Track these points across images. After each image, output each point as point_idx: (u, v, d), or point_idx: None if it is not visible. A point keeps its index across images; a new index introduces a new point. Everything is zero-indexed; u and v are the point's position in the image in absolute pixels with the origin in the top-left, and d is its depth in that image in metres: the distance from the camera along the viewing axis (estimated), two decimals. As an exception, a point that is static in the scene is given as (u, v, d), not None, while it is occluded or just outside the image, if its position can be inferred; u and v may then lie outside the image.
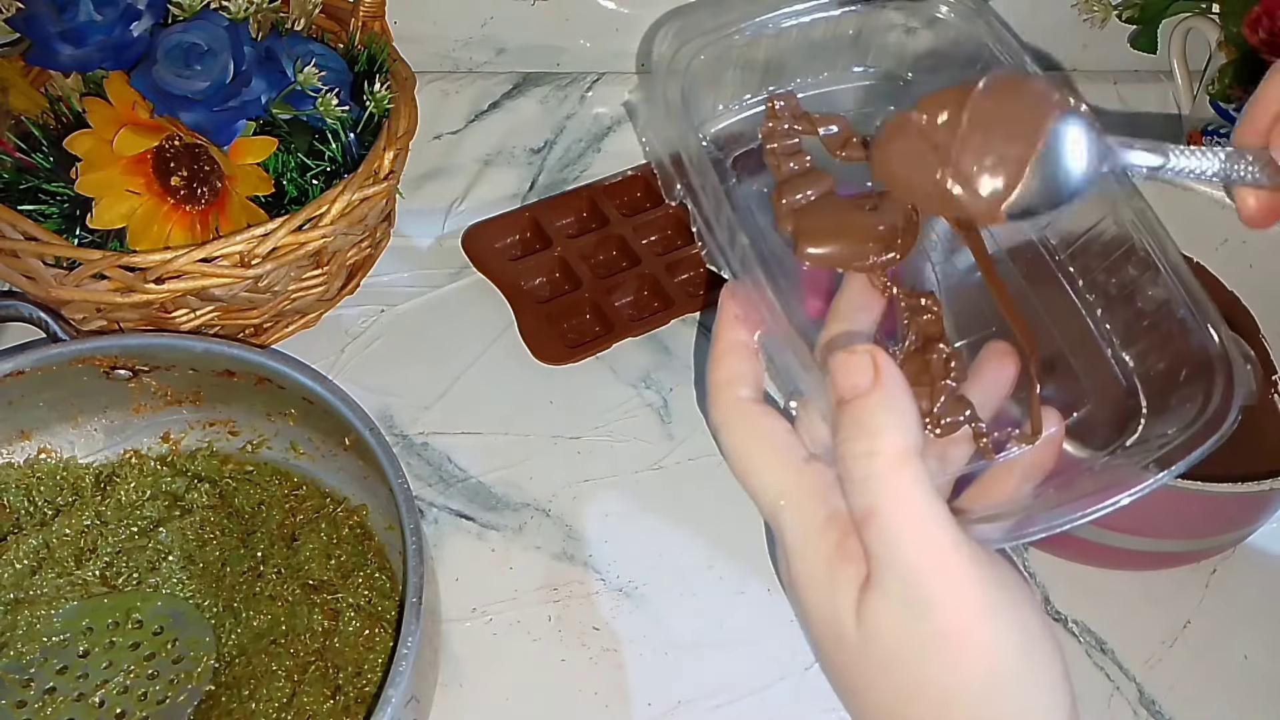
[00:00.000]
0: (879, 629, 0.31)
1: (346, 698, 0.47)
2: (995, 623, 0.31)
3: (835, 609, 0.32)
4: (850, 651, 0.32)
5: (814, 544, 0.33)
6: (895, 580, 0.30)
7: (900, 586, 0.30)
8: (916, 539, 0.30)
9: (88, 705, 0.47)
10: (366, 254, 0.66)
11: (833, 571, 0.32)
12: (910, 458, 0.31)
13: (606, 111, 0.77)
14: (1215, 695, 0.53)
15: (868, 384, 0.31)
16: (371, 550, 0.52)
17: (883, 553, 0.31)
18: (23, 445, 0.54)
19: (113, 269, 0.52)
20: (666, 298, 0.66)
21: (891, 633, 0.31)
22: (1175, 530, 0.53)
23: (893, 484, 0.30)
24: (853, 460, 0.31)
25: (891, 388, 0.31)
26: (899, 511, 0.30)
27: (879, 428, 0.31)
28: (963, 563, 0.30)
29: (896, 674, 0.31)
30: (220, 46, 0.55)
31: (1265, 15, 0.61)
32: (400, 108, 0.60)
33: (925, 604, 0.30)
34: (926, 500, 0.30)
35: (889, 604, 0.31)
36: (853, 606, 0.32)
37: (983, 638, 0.30)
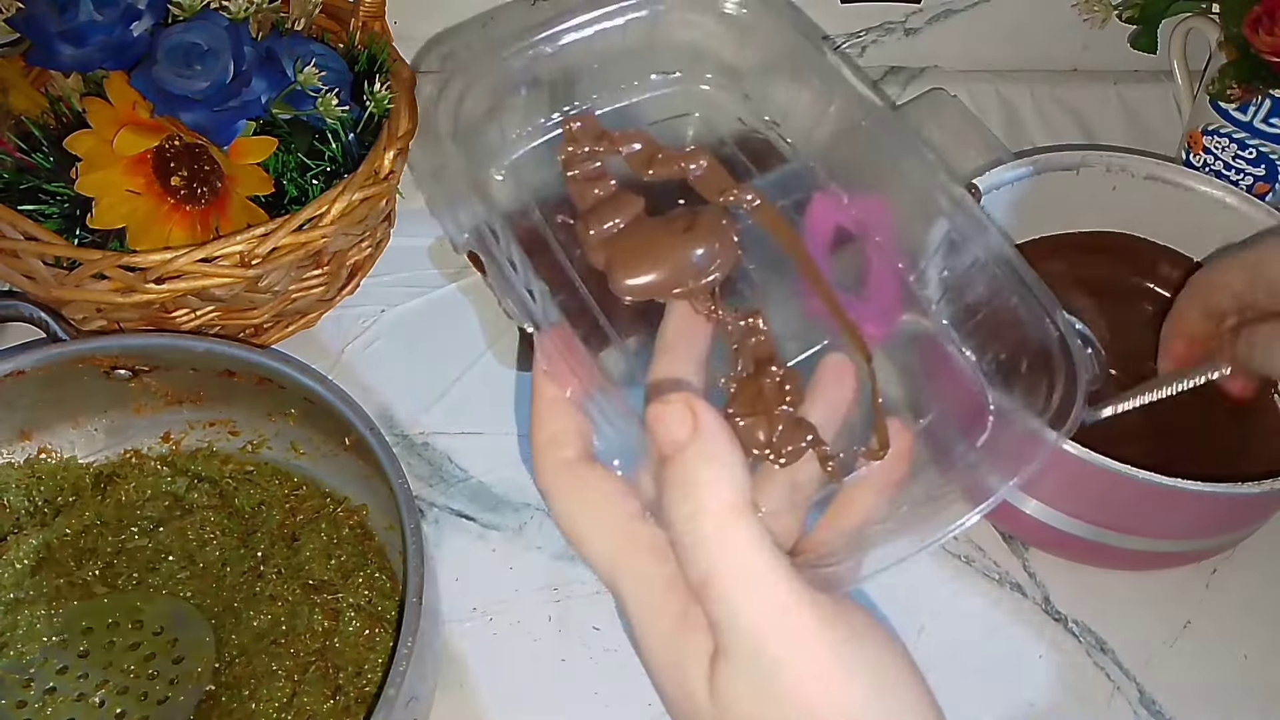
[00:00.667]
0: (732, 698, 0.29)
1: (346, 698, 0.47)
2: (846, 676, 0.29)
3: (686, 683, 0.30)
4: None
5: (657, 616, 0.31)
6: (740, 647, 0.29)
7: (746, 653, 0.29)
8: (755, 602, 0.29)
9: (88, 705, 0.47)
10: (366, 254, 0.66)
11: (680, 644, 0.30)
12: (737, 513, 0.29)
13: (606, 111, 0.77)
14: (1215, 695, 0.53)
15: (686, 436, 0.29)
16: (372, 550, 0.52)
17: (724, 620, 0.29)
18: (23, 445, 0.54)
19: (113, 269, 0.52)
20: (666, 298, 0.66)
21: (744, 700, 0.29)
22: (1175, 530, 0.53)
23: (723, 546, 0.29)
24: (681, 524, 0.29)
25: (710, 437, 0.29)
26: (733, 575, 0.28)
27: (701, 484, 0.29)
28: (805, 620, 0.29)
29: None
30: (220, 46, 0.55)
31: (1265, 15, 0.61)
32: (400, 108, 0.60)
33: (773, 667, 0.29)
34: (760, 558, 0.29)
35: (738, 672, 0.29)
36: (704, 678, 0.30)
37: (835, 692, 0.29)
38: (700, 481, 0.29)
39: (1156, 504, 0.50)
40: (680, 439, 0.29)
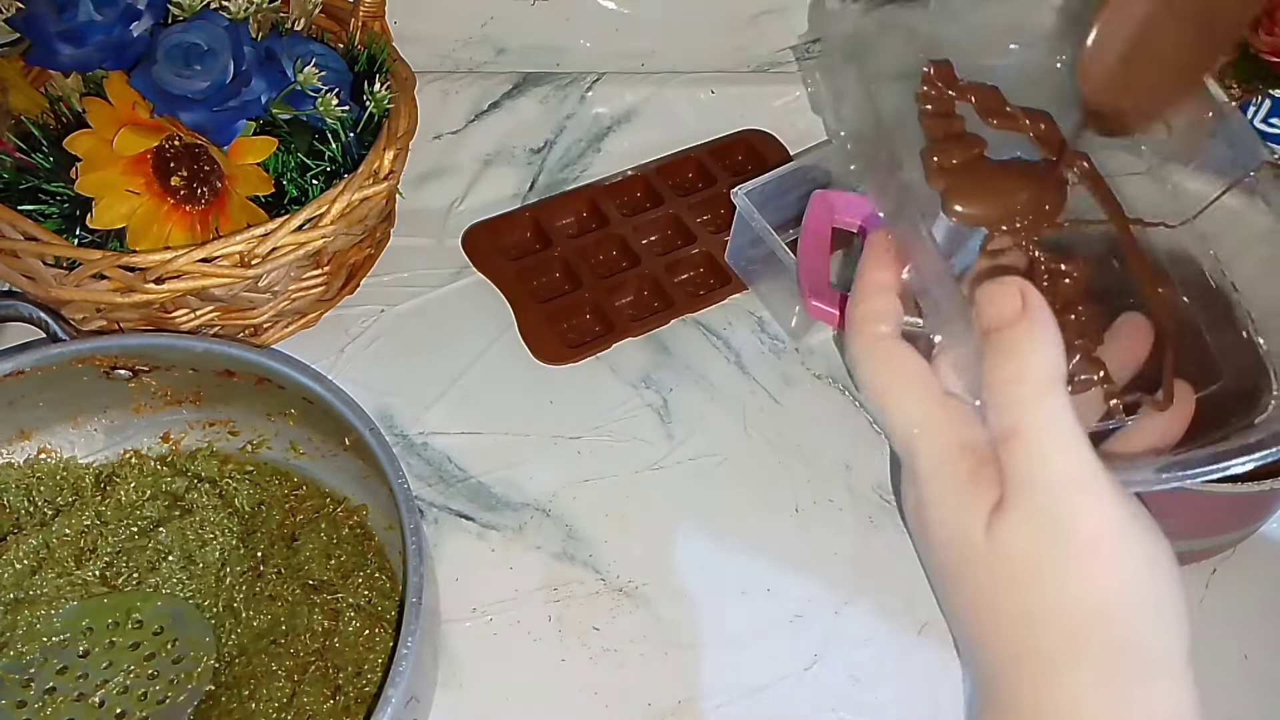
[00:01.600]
0: (1011, 544, 0.32)
1: (346, 698, 0.47)
2: (1130, 544, 0.32)
3: (963, 526, 0.33)
4: (977, 565, 0.33)
5: (948, 469, 0.34)
6: (1033, 497, 0.32)
7: (1038, 503, 0.32)
8: (1059, 458, 0.31)
9: (88, 705, 0.47)
10: (366, 254, 0.66)
11: (964, 494, 0.33)
12: (1056, 385, 0.32)
13: (606, 111, 0.77)
14: (1215, 695, 0.53)
15: (1014, 313, 0.32)
16: (371, 550, 0.52)
17: (1023, 470, 0.32)
18: (23, 445, 0.54)
19: (113, 269, 0.52)
20: (666, 298, 0.66)
21: (1025, 547, 0.32)
22: (1175, 530, 0.53)
23: (1037, 408, 0.32)
24: (999, 385, 0.32)
25: (1039, 318, 0.32)
26: (1043, 433, 0.31)
27: (1025, 354, 0.32)
28: (1101, 485, 0.32)
29: (1025, 587, 0.33)
30: (220, 46, 0.55)
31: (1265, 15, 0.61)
32: (400, 108, 0.60)
33: (1063, 519, 0.31)
34: (1069, 425, 0.32)
35: (1024, 522, 0.32)
36: (983, 525, 0.33)
37: (1118, 554, 0.32)
38: (1023, 352, 0.32)
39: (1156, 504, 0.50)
40: (1009, 315, 0.32)
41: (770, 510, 0.58)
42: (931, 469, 0.34)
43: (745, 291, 0.67)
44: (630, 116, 0.77)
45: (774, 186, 0.62)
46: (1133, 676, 0.32)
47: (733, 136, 0.76)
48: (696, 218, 0.70)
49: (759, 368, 0.64)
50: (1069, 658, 0.32)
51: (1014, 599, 0.33)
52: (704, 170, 0.74)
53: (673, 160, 0.74)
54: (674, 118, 0.77)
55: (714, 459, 0.60)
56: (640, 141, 0.75)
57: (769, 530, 0.57)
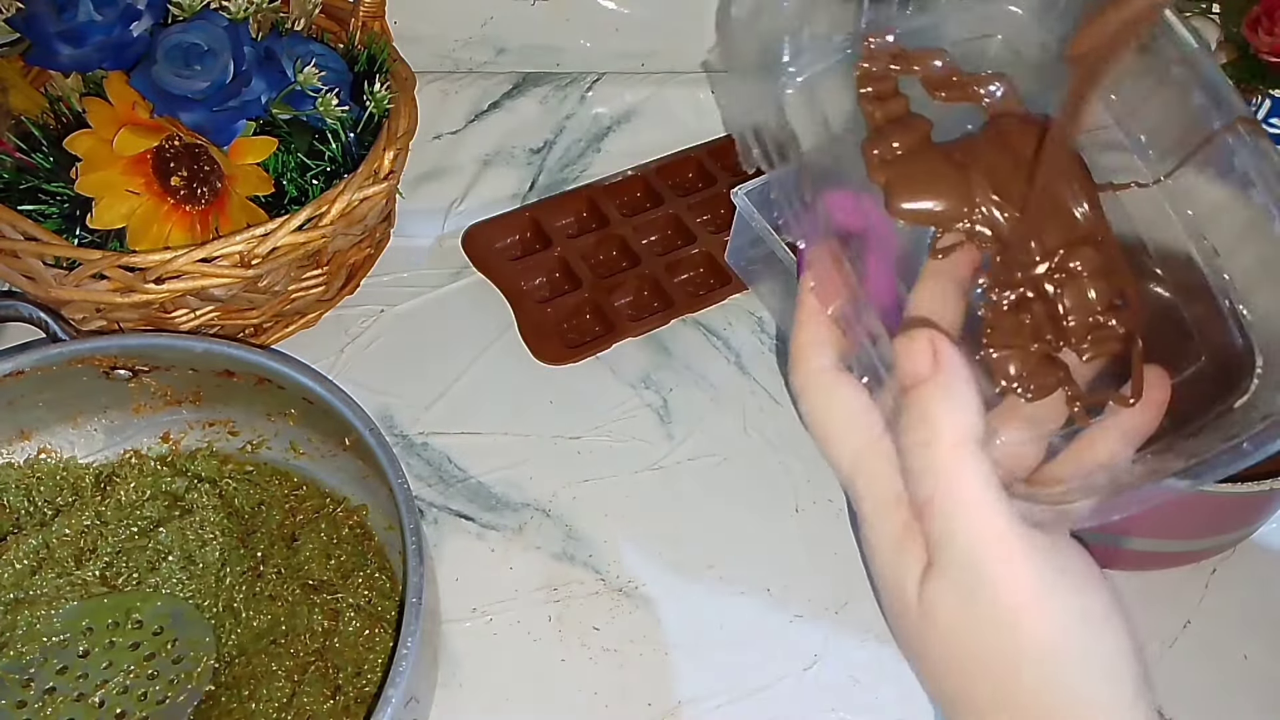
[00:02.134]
0: (938, 608, 0.32)
1: (346, 698, 0.47)
2: (1050, 603, 0.31)
3: (900, 583, 0.33)
4: (913, 623, 0.33)
5: (884, 520, 0.34)
6: (952, 564, 0.32)
7: (956, 570, 0.31)
8: (970, 526, 0.31)
9: (88, 705, 0.47)
10: (366, 254, 0.66)
11: (900, 549, 0.33)
12: (965, 447, 0.31)
13: (606, 111, 0.77)
14: (1215, 695, 0.53)
15: (927, 370, 0.32)
16: (371, 550, 0.52)
17: (940, 539, 0.32)
18: (23, 445, 0.54)
19: (113, 269, 0.52)
20: (666, 298, 0.66)
21: (950, 612, 0.32)
22: (1175, 530, 0.53)
23: (948, 474, 0.31)
24: (911, 450, 0.32)
25: (950, 375, 0.31)
26: (954, 500, 0.31)
27: (936, 416, 0.31)
28: (1016, 547, 0.31)
29: (955, 649, 0.33)
30: (220, 46, 0.55)
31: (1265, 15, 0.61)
32: (400, 108, 0.60)
33: (980, 585, 0.31)
34: (981, 489, 0.31)
35: (947, 585, 0.32)
36: (915, 582, 0.33)
37: (1037, 617, 0.31)
38: (935, 414, 0.31)
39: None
40: (921, 372, 0.32)
41: (770, 510, 0.58)
42: (869, 519, 0.34)
43: (745, 291, 0.67)
44: (630, 116, 0.77)
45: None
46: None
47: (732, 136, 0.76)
48: (696, 218, 0.70)
49: (759, 368, 0.64)
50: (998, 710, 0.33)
51: (947, 656, 0.33)
52: (704, 170, 0.74)
53: (673, 160, 0.74)
54: (674, 118, 0.77)
55: (714, 459, 0.60)
56: (640, 141, 0.75)
57: (769, 530, 0.57)
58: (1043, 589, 0.31)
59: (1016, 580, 0.31)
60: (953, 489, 0.31)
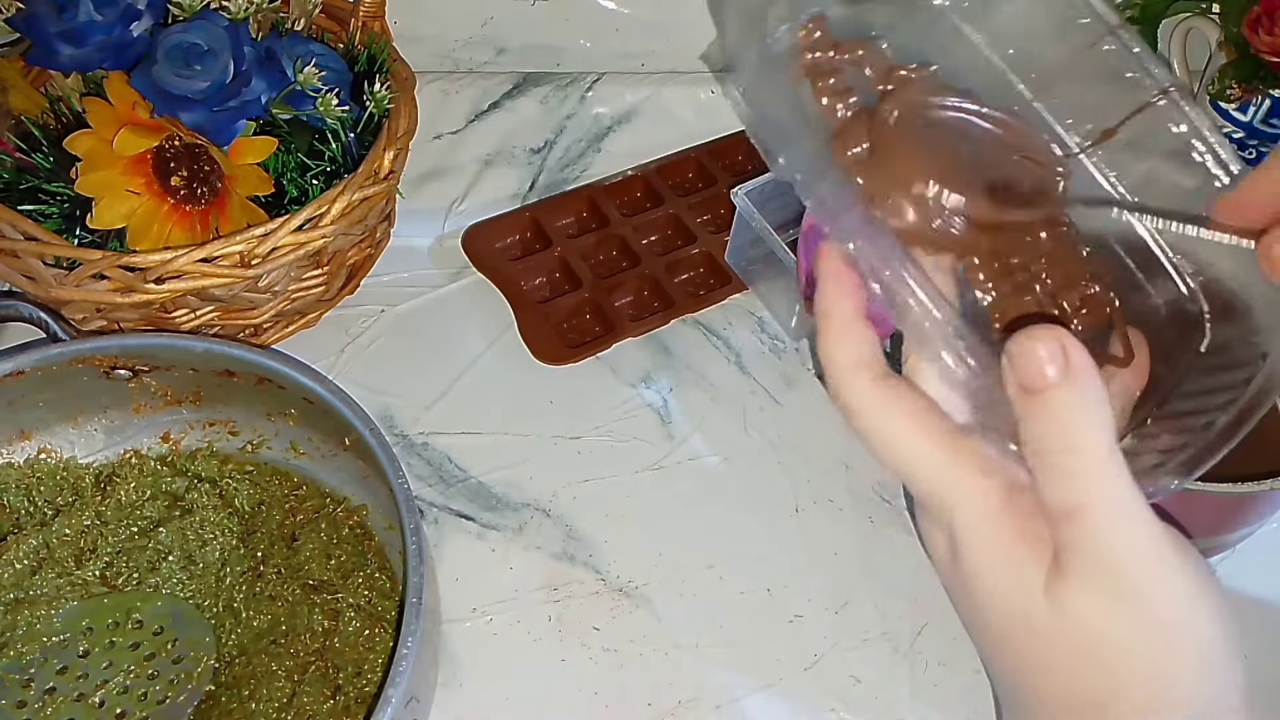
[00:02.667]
0: (1083, 617, 0.31)
1: (346, 698, 0.47)
2: (1206, 612, 0.32)
3: (1021, 592, 0.32)
4: (1039, 634, 0.32)
5: (996, 530, 0.32)
6: (1105, 573, 0.30)
7: (1112, 580, 0.31)
8: (1131, 538, 0.30)
9: (88, 705, 0.47)
10: (366, 254, 0.66)
11: (1016, 557, 0.32)
12: (1115, 455, 0.30)
13: (606, 111, 0.77)
14: (1215, 695, 0.53)
15: (1058, 375, 0.30)
16: (371, 550, 0.52)
17: (1092, 548, 0.30)
18: (23, 445, 0.54)
19: (113, 269, 0.52)
20: (666, 298, 0.66)
21: (1097, 621, 0.31)
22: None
23: (1102, 483, 0.30)
24: (1054, 456, 0.30)
25: (1086, 381, 0.30)
26: (1111, 511, 0.30)
27: (1079, 426, 0.30)
28: (1171, 557, 0.31)
29: (1099, 661, 0.32)
30: (220, 46, 0.55)
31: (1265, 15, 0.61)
32: (400, 108, 0.60)
33: (1137, 596, 0.31)
34: (1136, 498, 0.30)
35: (1095, 594, 0.31)
36: (1039, 588, 0.31)
37: (1198, 628, 0.32)
38: (1077, 423, 0.30)
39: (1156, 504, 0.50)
40: (1052, 378, 0.30)
41: (770, 510, 0.58)
42: (971, 531, 0.32)
43: (745, 291, 0.67)
44: (630, 116, 0.77)
45: (774, 186, 0.62)
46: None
47: (733, 136, 0.76)
48: (696, 218, 0.70)
49: (759, 368, 0.64)
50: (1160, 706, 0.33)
51: (1085, 669, 0.32)
52: (704, 170, 0.74)
53: (673, 160, 0.74)
54: (674, 118, 0.77)
55: (714, 459, 0.60)
56: (640, 141, 0.75)
57: (769, 530, 0.57)
58: (1198, 597, 0.32)
59: (1175, 589, 0.31)
60: (1108, 498, 0.30)
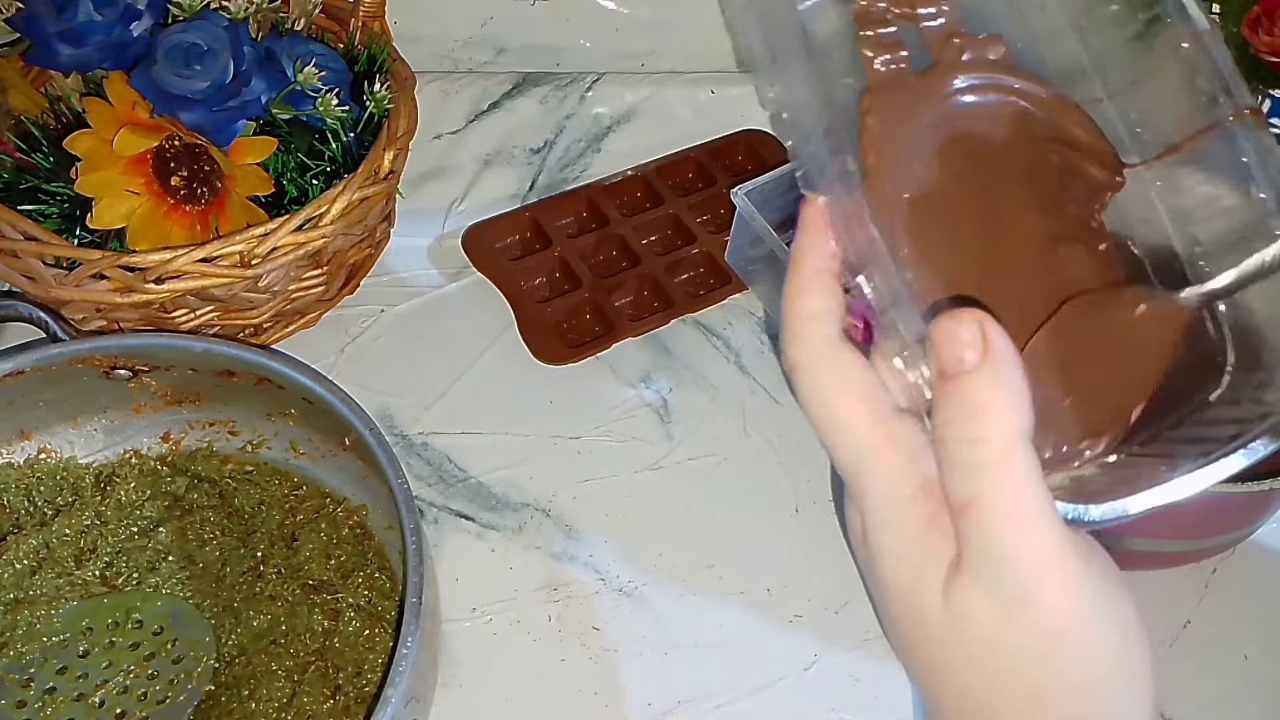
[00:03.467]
0: (971, 617, 0.29)
1: (346, 698, 0.47)
2: (1100, 623, 0.30)
3: (920, 587, 0.30)
4: (932, 631, 0.30)
5: (902, 515, 0.30)
6: (995, 573, 0.29)
7: (1000, 581, 0.29)
8: (1023, 537, 0.28)
9: (88, 705, 0.47)
10: (366, 254, 0.66)
11: (923, 547, 0.30)
12: (1020, 446, 0.28)
13: (606, 111, 0.77)
14: (1215, 695, 0.53)
15: (975, 359, 0.28)
16: (371, 550, 0.52)
17: (983, 546, 0.29)
18: (23, 445, 0.54)
19: (113, 269, 0.52)
20: (666, 298, 0.66)
21: (985, 624, 0.29)
22: (1175, 530, 0.53)
23: (1000, 476, 0.28)
24: (955, 445, 0.29)
25: (1003, 367, 0.28)
26: (1005, 507, 0.28)
27: (987, 411, 0.28)
28: (1068, 561, 0.29)
29: (986, 664, 0.30)
30: (220, 46, 0.55)
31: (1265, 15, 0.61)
32: (400, 108, 0.60)
33: (1027, 601, 0.29)
34: (1035, 495, 0.28)
35: (985, 595, 0.29)
36: (939, 587, 0.30)
37: (1087, 638, 0.29)
38: (985, 408, 0.28)
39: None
40: (969, 361, 0.28)
41: (770, 510, 0.58)
42: (882, 513, 0.31)
43: (745, 291, 0.67)
44: (630, 116, 0.77)
45: (774, 186, 0.62)
46: None
47: (733, 136, 0.76)
48: (696, 218, 0.70)
49: (759, 368, 0.64)
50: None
51: (972, 672, 0.30)
52: (704, 170, 0.74)
53: (673, 160, 0.74)
54: (674, 118, 0.77)
55: (714, 459, 0.60)
56: (640, 141, 0.75)
57: (769, 530, 0.57)
58: (1094, 608, 0.29)
59: (1070, 597, 0.29)
60: (1003, 492, 0.28)
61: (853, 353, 0.31)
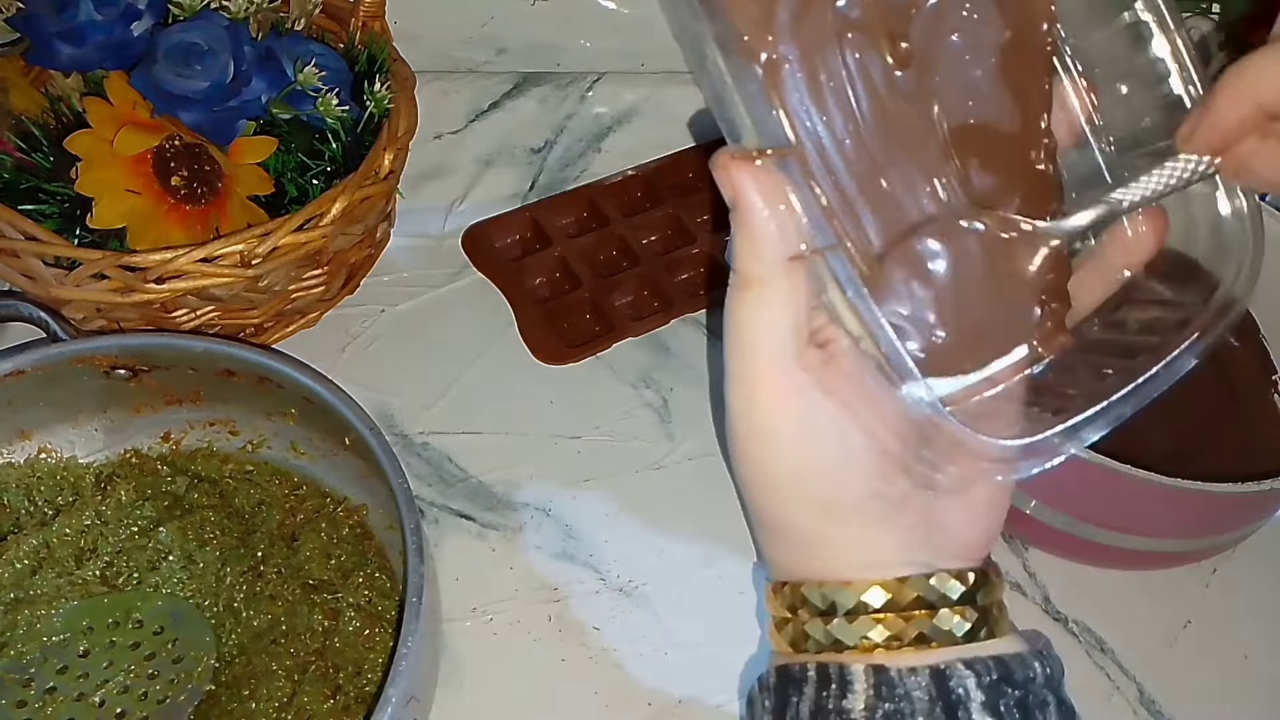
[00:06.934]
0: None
1: (346, 697, 0.47)
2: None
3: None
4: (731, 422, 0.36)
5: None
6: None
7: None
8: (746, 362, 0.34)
9: (88, 705, 0.47)
10: (366, 254, 0.66)
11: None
12: (755, 281, 0.32)
13: (606, 111, 0.77)
14: (1215, 695, 0.53)
15: (729, 198, 0.32)
16: (371, 550, 0.52)
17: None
18: (23, 445, 0.54)
19: (113, 269, 0.52)
20: (666, 298, 0.66)
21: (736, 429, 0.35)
22: (1175, 530, 0.54)
23: (744, 307, 0.33)
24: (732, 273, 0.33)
25: (744, 208, 0.32)
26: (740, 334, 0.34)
27: (739, 249, 0.32)
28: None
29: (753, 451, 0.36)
30: (220, 46, 0.55)
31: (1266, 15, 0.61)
32: (400, 107, 0.60)
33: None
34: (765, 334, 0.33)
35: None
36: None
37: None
38: (738, 248, 0.32)
39: (1156, 504, 0.51)
40: (729, 197, 0.32)
41: (770, 510, 0.58)
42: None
43: (745, 291, 0.67)
44: (630, 116, 0.77)
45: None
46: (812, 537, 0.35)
47: (733, 136, 0.76)
48: (696, 218, 0.70)
49: (759, 368, 0.64)
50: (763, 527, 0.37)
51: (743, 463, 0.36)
52: (704, 170, 0.73)
53: (673, 160, 0.74)
54: (674, 118, 0.77)
55: (714, 459, 0.60)
56: (640, 141, 0.75)
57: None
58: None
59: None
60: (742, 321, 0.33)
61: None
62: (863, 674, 0.33)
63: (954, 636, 0.34)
